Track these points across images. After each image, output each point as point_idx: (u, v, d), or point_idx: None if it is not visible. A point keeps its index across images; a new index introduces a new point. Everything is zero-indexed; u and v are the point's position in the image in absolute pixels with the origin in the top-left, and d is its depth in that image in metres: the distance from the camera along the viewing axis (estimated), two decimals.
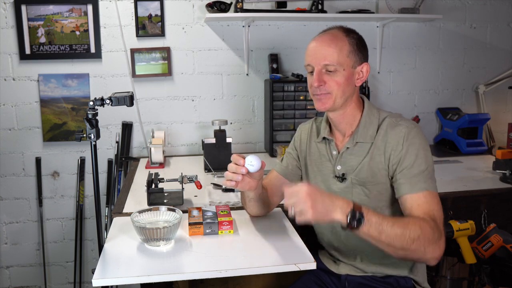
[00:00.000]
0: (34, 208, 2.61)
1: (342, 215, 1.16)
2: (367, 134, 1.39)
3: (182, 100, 2.63)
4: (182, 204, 1.72)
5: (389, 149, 1.35)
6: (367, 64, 1.42)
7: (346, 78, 1.36)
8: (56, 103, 2.51)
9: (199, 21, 2.56)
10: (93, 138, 1.38)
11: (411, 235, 1.17)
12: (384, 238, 1.17)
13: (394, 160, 1.34)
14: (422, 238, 1.18)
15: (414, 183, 1.30)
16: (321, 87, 1.36)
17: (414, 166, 1.31)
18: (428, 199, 1.28)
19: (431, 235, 1.19)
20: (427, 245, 1.18)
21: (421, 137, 1.35)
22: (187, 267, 1.25)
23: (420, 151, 1.32)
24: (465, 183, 2.02)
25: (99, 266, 1.26)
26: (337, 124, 1.45)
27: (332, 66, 1.34)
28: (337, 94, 1.36)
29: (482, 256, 1.76)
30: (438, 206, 1.28)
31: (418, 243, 1.18)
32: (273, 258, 1.29)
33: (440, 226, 1.24)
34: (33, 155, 2.56)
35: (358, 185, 1.40)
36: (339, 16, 2.49)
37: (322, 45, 1.36)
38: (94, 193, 1.42)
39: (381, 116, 1.42)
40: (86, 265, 2.69)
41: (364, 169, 1.38)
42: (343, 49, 1.36)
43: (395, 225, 1.18)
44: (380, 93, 2.81)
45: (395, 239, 1.17)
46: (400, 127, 1.36)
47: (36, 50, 2.44)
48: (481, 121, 2.67)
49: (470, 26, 2.83)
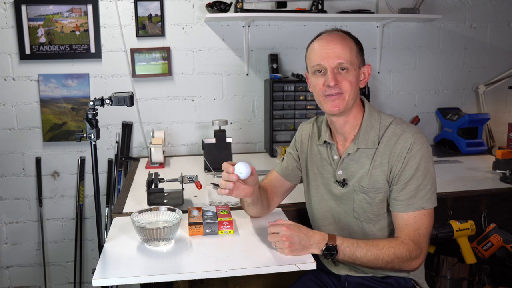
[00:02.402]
0: (34, 208, 2.61)
1: (317, 250, 1.31)
2: (369, 139, 1.38)
3: (182, 100, 2.63)
4: (182, 204, 1.72)
5: (393, 159, 1.34)
6: (369, 65, 1.43)
7: (356, 78, 1.36)
8: (56, 103, 2.51)
9: (199, 21, 2.56)
10: (93, 138, 1.38)
11: (384, 258, 1.30)
12: (359, 263, 1.32)
13: (395, 172, 1.34)
14: (396, 260, 1.30)
15: (409, 202, 1.32)
16: (335, 86, 1.34)
17: (413, 180, 1.31)
18: (418, 219, 1.32)
19: (406, 256, 1.30)
20: (401, 264, 1.31)
21: (424, 147, 1.33)
22: (187, 267, 1.25)
23: (421, 164, 1.32)
24: (465, 183, 2.02)
25: (99, 266, 1.26)
26: (338, 128, 1.43)
27: (346, 65, 1.34)
28: (350, 94, 1.35)
29: (482, 256, 1.76)
30: (427, 225, 1.33)
31: (392, 264, 1.31)
32: (273, 258, 1.29)
33: (422, 243, 1.32)
34: (33, 155, 2.56)
35: (360, 193, 1.39)
36: (339, 16, 2.49)
37: (334, 44, 1.34)
38: (94, 193, 1.42)
39: (382, 120, 1.40)
40: (86, 265, 2.69)
41: (366, 178, 1.38)
42: (352, 48, 1.36)
43: (369, 251, 1.30)
44: (380, 93, 2.81)
45: (369, 263, 1.31)
46: (405, 136, 1.34)
47: (36, 50, 2.44)
48: (481, 121, 2.67)
49: (470, 26, 2.83)
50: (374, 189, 1.37)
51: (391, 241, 1.32)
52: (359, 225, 1.42)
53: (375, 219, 1.40)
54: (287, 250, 1.29)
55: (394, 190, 1.34)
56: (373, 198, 1.37)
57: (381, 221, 1.40)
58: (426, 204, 1.32)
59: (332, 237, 1.31)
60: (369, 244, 1.31)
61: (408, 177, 1.32)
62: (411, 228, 1.32)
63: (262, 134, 2.73)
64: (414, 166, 1.31)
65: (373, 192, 1.37)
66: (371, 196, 1.38)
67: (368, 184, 1.37)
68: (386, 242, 1.32)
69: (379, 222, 1.40)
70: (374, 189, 1.37)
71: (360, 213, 1.41)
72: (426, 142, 1.35)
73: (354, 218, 1.43)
